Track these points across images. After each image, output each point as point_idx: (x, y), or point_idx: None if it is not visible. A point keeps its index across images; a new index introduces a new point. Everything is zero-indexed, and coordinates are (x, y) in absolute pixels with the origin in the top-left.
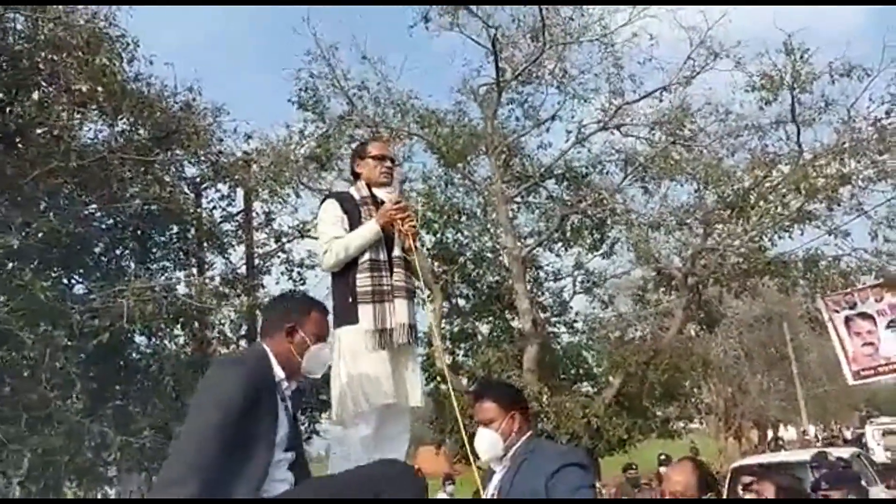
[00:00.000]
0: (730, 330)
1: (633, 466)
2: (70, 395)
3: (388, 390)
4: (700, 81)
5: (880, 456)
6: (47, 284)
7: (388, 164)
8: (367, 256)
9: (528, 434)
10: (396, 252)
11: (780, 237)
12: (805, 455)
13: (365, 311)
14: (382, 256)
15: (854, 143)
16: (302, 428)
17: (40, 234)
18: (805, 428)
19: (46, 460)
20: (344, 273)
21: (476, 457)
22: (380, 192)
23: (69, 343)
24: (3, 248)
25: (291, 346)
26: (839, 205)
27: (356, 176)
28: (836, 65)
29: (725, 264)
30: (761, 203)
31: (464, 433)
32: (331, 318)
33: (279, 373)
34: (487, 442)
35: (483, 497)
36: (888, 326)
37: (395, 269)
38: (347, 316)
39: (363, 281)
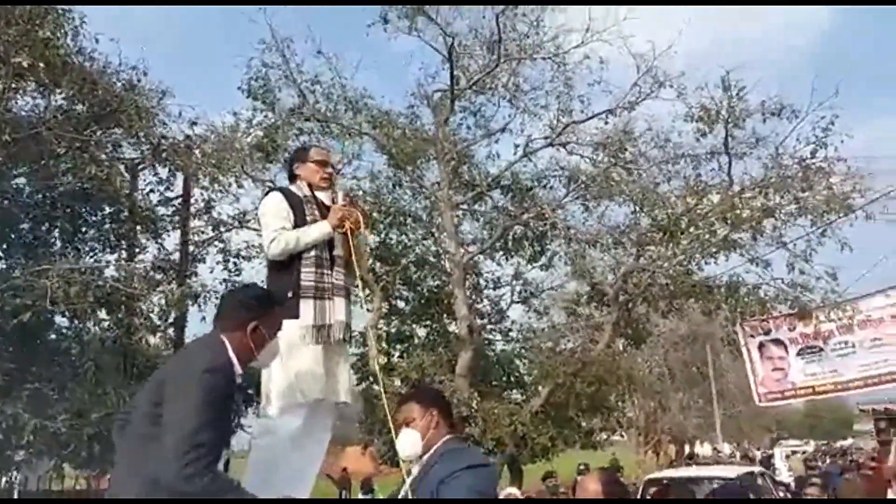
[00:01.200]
0: (656, 348)
1: (553, 475)
2: None
3: (321, 385)
4: (644, 108)
5: (784, 476)
6: None
7: (329, 170)
8: (311, 253)
9: (447, 437)
10: (338, 251)
11: (706, 262)
12: (708, 472)
13: (306, 307)
14: (326, 254)
15: (780, 178)
16: None
17: None
18: (719, 446)
19: None
20: (286, 267)
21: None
22: (321, 194)
23: None
24: None
25: (253, 341)
26: (762, 235)
27: (294, 177)
28: (768, 104)
29: (655, 284)
30: (691, 229)
31: (394, 434)
32: None
33: (236, 365)
34: (407, 440)
35: (399, 495)
36: (798, 354)
37: (336, 268)
38: (287, 310)
39: (307, 276)
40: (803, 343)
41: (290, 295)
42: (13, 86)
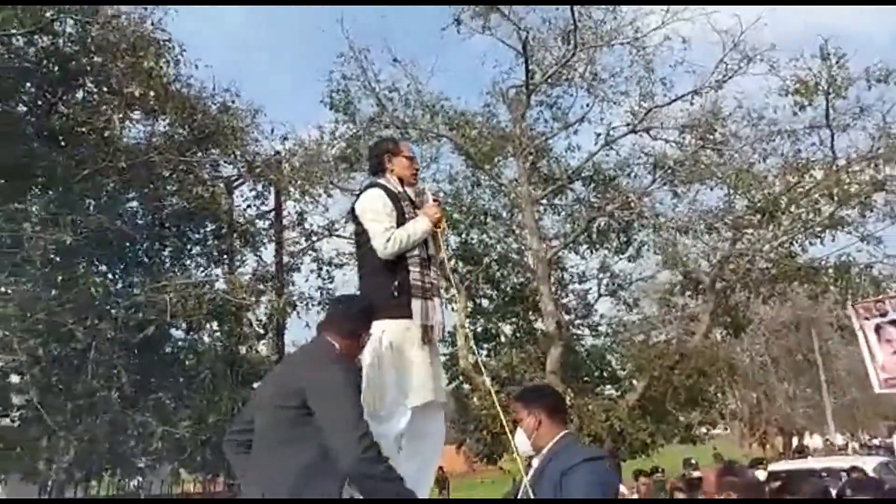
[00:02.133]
0: (756, 336)
1: (659, 469)
2: (114, 386)
3: (434, 387)
4: (732, 85)
5: None
6: (98, 280)
7: (417, 165)
8: (416, 252)
9: (562, 433)
10: (431, 250)
11: (811, 243)
12: (832, 463)
13: (415, 306)
14: (424, 253)
15: (889, 148)
16: None
17: (88, 231)
18: (831, 436)
19: (91, 448)
20: (390, 266)
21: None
22: (409, 191)
23: (114, 336)
24: (56, 245)
25: (356, 347)
26: (872, 211)
27: (383, 170)
28: (872, 70)
29: (754, 269)
30: (792, 208)
31: (512, 432)
32: None
33: None
34: (518, 438)
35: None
36: None
37: (432, 267)
38: (394, 309)
39: (415, 275)
40: None
41: (395, 294)
42: (121, 115)
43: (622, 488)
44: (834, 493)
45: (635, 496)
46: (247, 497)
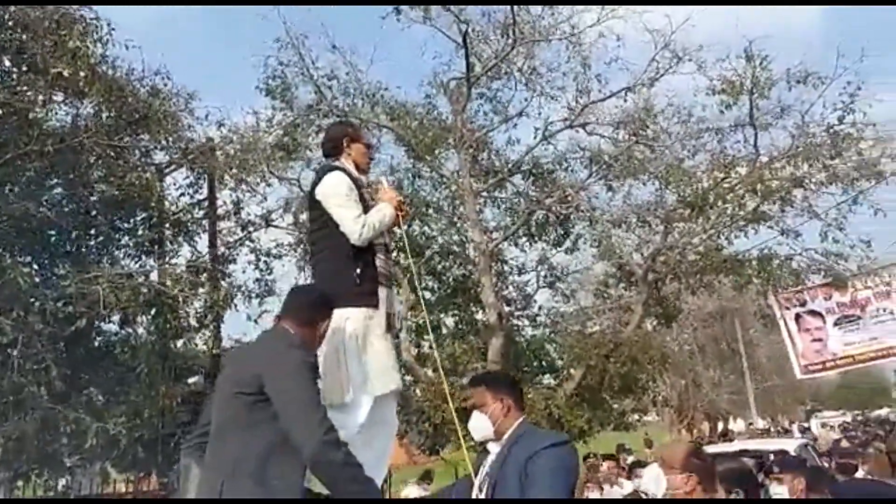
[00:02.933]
0: (685, 325)
1: (594, 455)
2: (43, 382)
3: (398, 375)
4: (664, 83)
5: (824, 446)
6: (25, 271)
7: (372, 155)
8: (380, 240)
9: (521, 419)
10: (385, 238)
11: (735, 236)
12: (759, 446)
13: (381, 294)
14: (384, 240)
15: (808, 147)
16: None
17: (11, 219)
18: (753, 421)
19: (19, 447)
20: (357, 254)
21: (468, 439)
22: (362, 177)
23: (42, 329)
24: None
25: (314, 336)
26: (792, 206)
27: (339, 153)
28: (793, 71)
29: (684, 261)
30: (719, 203)
31: (459, 420)
32: None
33: None
34: (477, 423)
35: (476, 477)
36: (836, 324)
37: (390, 254)
38: (358, 298)
39: (381, 263)
40: (840, 312)
41: (357, 282)
42: (43, 97)
43: None
44: (759, 471)
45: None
46: (206, 483)
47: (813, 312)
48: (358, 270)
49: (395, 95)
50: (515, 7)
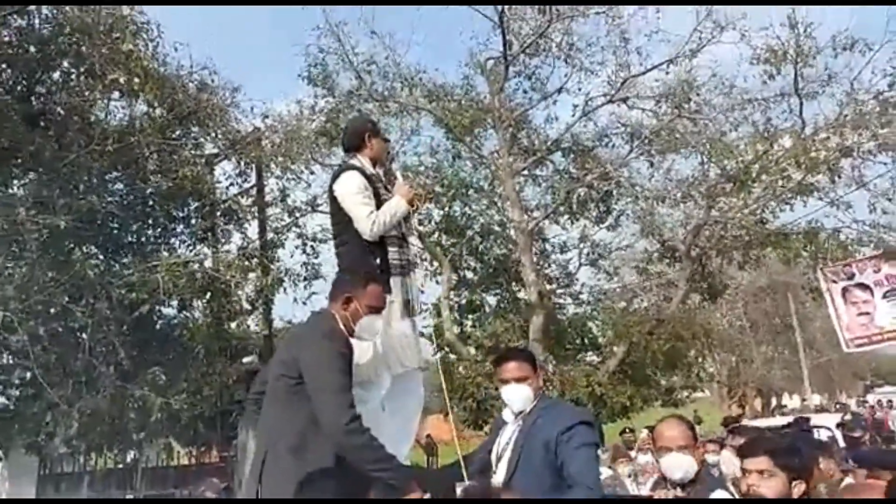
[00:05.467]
0: (734, 301)
1: (630, 430)
2: (112, 363)
3: (419, 354)
4: (706, 54)
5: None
6: (93, 262)
7: (388, 149)
8: (393, 232)
9: (541, 394)
10: (405, 228)
11: (781, 209)
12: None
13: (395, 283)
14: (400, 232)
15: (856, 116)
16: None
17: (80, 214)
18: (807, 396)
19: (92, 422)
20: (371, 246)
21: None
22: (380, 170)
23: (110, 315)
24: (49, 228)
25: (347, 313)
26: (840, 177)
27: (359, 148)
28: (839, 38)
29: (728, 236)
30: (763, 176)
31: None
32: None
33: (345, 334)
34: (523, 395)
35: (495, 447)
36: (884, 297)
37: (408, 244)
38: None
39: (394, 255)
40: (889, 285)
41: (379, 272)
42: (102, 97)
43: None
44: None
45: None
46: (255, 453)
47: (861, 286)
48: (376, 262)
49: (433, 78)
50: None
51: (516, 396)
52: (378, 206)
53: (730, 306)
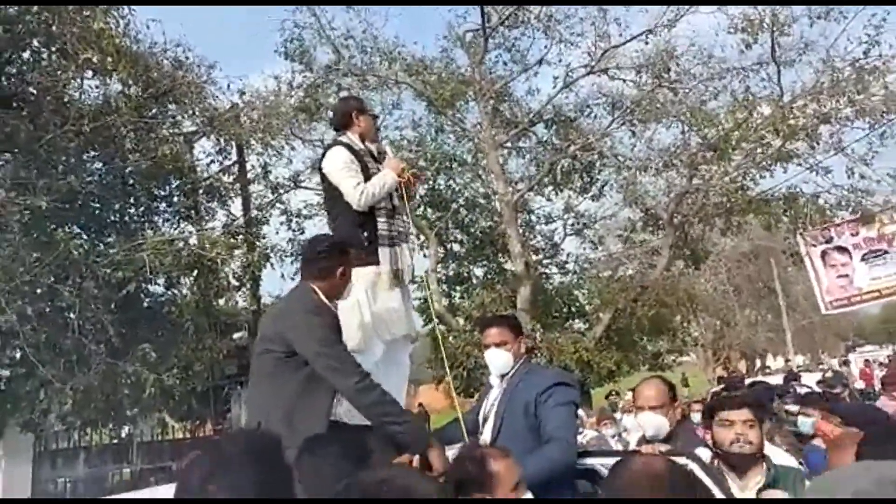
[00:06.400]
0: (717, 266)
1: (615, 393)
2: (102, 340)
3: (407, 322)
4: (684, 24)
5: (859, 382)
6: (77, 242)
7: (376, 125)
8: (383, 204)
9: (524, 359)
10: (395, 200)
11: (762, 176)
12: (771, 379)
13: (383, 253)
14: (390, 204)
15: (833, 82)
16: None
17: (60, 194)
18: (791, 357)
19: (86, 398)
20: (360, 218)
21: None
22: (371, 146)
23: (97, 294)
24: (30, 210)
25: (337, 282)
26: (818, 143)
27: (348, 126)
28: (814, 7)
29: (709, 203)
30: (743, 144)
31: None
32: None
33: (331, 307)
34: (503, 359)
35: (482, 410)
36: (863, 259)
37: (397, 216)
38: (366, 258)
39: (382, 226)
40: (867, 248)
41: (367, 243)
42: (74, 75)
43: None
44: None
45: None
46: (247, 426)
47: (839, 248)
48: (364, 234)
49: (412, 51)
50: None
51: (496, 360)
52: (367, 180)
53: (713, 272)
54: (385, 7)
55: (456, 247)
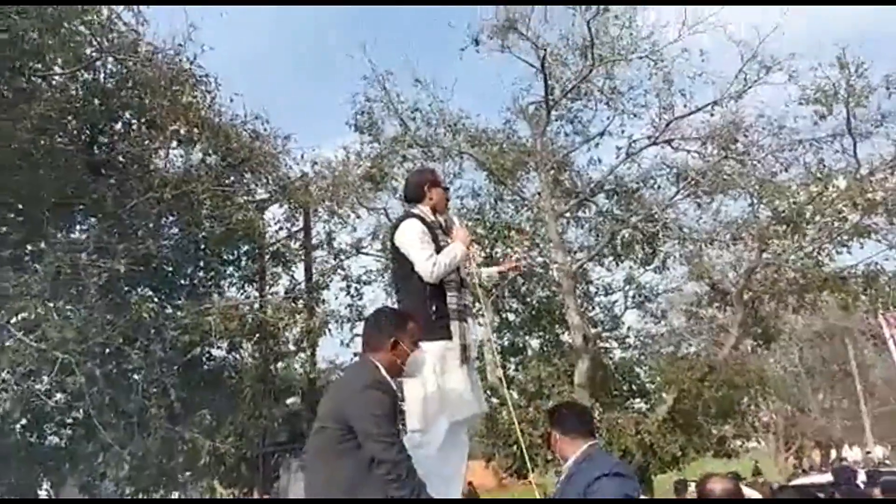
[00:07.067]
0: (789, 346)
1: (683, 481)
2: (164, 405)
3: (476, 402)
4: (752, 95)
5: None
6: (148, 305)
7: (449, 196)
8: (452, 277)
9: (588, 444)
10: (463, 273)
11: (838, 252)
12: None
13: (454, 328)
14: (458, 277)
15: None
16: None
17: (137, 258)
18: (870, 448)
19: (143, 463)
20: (430, 291)
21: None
22: (440, 218)
23: (164, 356)
24: (109, 273)
25: (396, 356)
26: None
27: (421, 198)
28: (892, 77)
29: (781, 279)
30: (817, 217)
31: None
32: None
33: (390, 381)
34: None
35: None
36: None
37: (464, 289)
38: (435, 332)
39: (451, 299)
40: None
41: (433, 318)
42: (161, 146)
43: None
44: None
45: None
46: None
47: None
48: (434, 308)
49: (475, 123)
50: (594, 28)
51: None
52: (438, 252)
53: (784, 352)
54: (452, 80)
55: (511, 316)
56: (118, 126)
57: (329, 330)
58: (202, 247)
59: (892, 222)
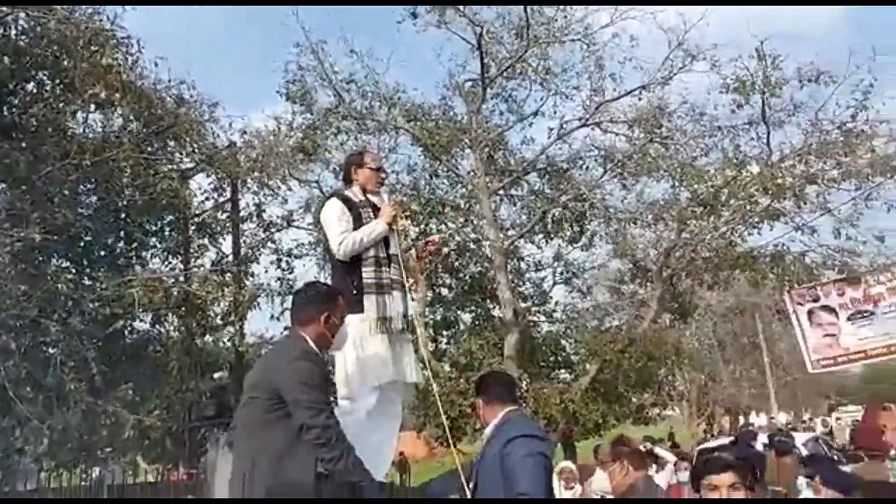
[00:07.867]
0: (703, 321)
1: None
2: (85, 378)
3: (391, 370)
4: (677, 81)
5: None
6: (67, 276)
7: (383, 175)
8: (371, 253)
9: (508, 409)
10: (392, 249)
11: (749, 233)
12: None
13: (369, 302)
14: (382, 253)
15: (821, 144)
16: None
17: (54, 227)
18: (774, 415)
19: (63, 438)
20: (348, 267)
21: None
22: (373, 198)
23: (83, 329)
24: (23, 241)
25: (327, 329)
26: (805, 203)
27: (350, 181)
28: (804, 70)
29: (698, 258)
30: (732, 201)
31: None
32: None
33: (319, 353)
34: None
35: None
36: (849, 319)
37: (392, 265)
38: (354, 306)
39: (368, 274)
40: (853, 308)
41: (353, 292)
42: (78, 109)
43: (571, 466)
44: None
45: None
46: (235, 475)
47: (826, 308)
48: (353, 282)
49: (411, 97)
50: (529, 9)
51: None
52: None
53: (699, 326)
54: (388, 53)
55: (444, 291)
56: (31, 86)
57: (258, 304)
58: (123, 216)
59: (798, 206)
